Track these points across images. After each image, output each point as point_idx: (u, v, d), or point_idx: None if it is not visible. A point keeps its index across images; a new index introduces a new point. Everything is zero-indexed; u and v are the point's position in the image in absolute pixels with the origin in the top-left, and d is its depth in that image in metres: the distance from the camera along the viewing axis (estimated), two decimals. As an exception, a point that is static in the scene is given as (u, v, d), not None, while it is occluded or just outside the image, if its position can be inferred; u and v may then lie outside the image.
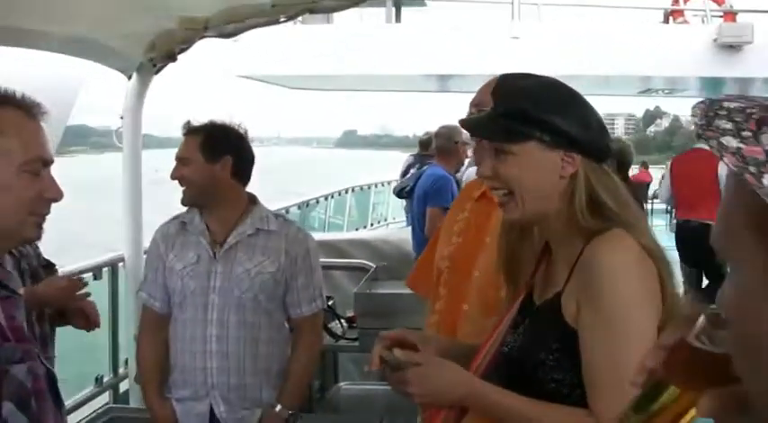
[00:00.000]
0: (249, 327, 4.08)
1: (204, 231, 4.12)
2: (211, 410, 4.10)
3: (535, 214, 2.35)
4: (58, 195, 2.34)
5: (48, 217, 2.37)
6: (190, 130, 4.14)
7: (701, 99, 0.94)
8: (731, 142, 0.86)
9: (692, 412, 1.05)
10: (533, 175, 2.30)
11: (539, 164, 2.28)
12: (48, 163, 2.33)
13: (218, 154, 4.10)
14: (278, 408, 4.13)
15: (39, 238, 2.38)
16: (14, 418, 2.14)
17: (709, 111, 0.91)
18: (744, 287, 0.89)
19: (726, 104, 0.92)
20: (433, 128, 8.86)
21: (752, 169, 0.82)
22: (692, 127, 0.92)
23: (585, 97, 2.40)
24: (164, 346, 4.24)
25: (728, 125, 0.88)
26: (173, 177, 4.09)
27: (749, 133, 0.86)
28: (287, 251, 4.11)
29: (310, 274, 4.21)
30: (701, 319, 0.99)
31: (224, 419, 4.09)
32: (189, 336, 4.10)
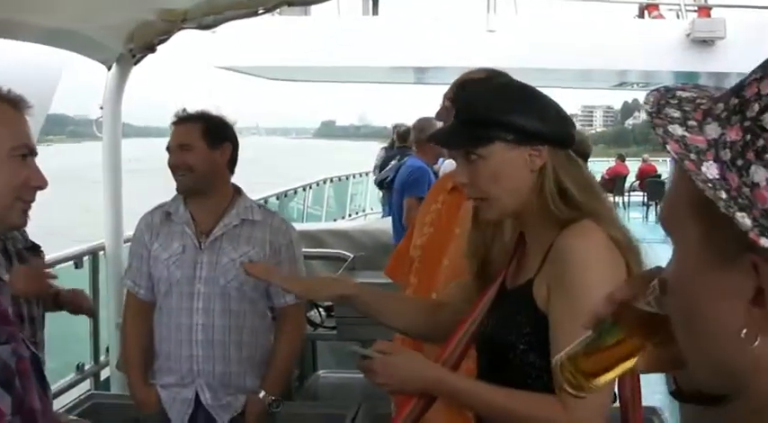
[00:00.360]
0: (234, 315, 4.14)
1: (189, 221, 4.15)
2: (196, 397, 4.16)
3: (510, 211, 2.45)
4: (43, 183, 2.41)
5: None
6: (188, 117, 4.17)
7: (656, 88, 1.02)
8: (677, 130, 0.93)
9: (632, 361, 1.16)
10: (506, 175, 2.39)
11: (509, 163, 2.38)
12: (33, 152, 2.40)
13: (219, 141, 4.15)
14: (261, 394, 4.21)
15: (24, 224, 2.44)
16: None
17: (662, 99, 0.99)
18: (681, 262, 0.98)
19: (678, 93, 1.00)
20: (411, 119, 8.93)
21: (692, 156, 0.90)
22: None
23: (562, 90, 2.50)
24: (148, 333, 4.29)
25: (677, 114, 0.96)
26: (174, 164, 4.10)
27: (695, 123, 0.94)
28: (271, 241, 4.17)
29: (294, 264, 4.27)
30: (654, 282, 1.07)
31: (209, 406, 4.15)
32: (174, 324, 4.15)
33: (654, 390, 2.47)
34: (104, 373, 5.93)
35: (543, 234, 2.41)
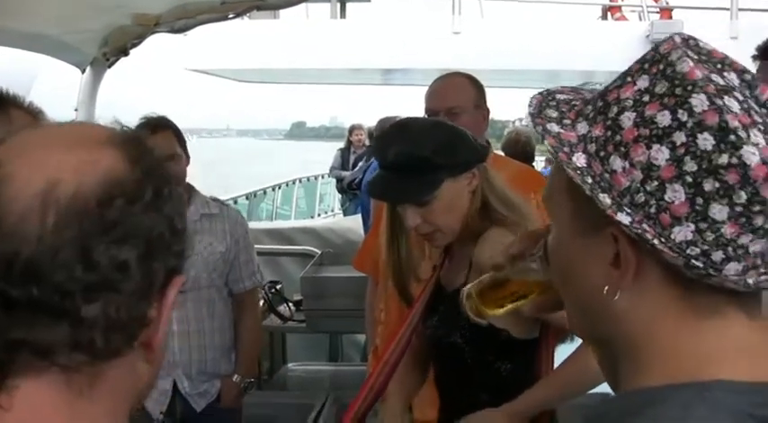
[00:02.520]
0: (206, 304, 4.30)
1: None
2: (174, 386, 4.29)
3: (457, 234, 2.65)
4: None
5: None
6: (162, 124, 4.21)
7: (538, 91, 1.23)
8: (554, 128, 1.14)
9: (522, 302, 1.47)
10: (456, 206, 2.59)
11: (456, 194, 2.59)
12: None
13: (185, 146, 4.28)
14: (235, 377, 4.39)
15: None
16: None
17: (543, 101, 1.19)
18: (558, 234, 1.21)
19: (557, 96, 1.21)
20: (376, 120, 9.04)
21: (565, 149, 1.11)
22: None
23: (528, 91, 2.70)
24: None
25: (555, 114, 1.17)
26: None
27: (569, 121, 1.15)
28: (231, 232, 4.34)
29: (250, 251, 4.46)
30: (540, 243, 1.33)
31: (187, 394, 4.30)
32: None
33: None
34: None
35: (465, 244, 2.63)
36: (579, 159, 1.10)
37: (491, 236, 2.53)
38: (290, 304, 5.90)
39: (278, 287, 5.98)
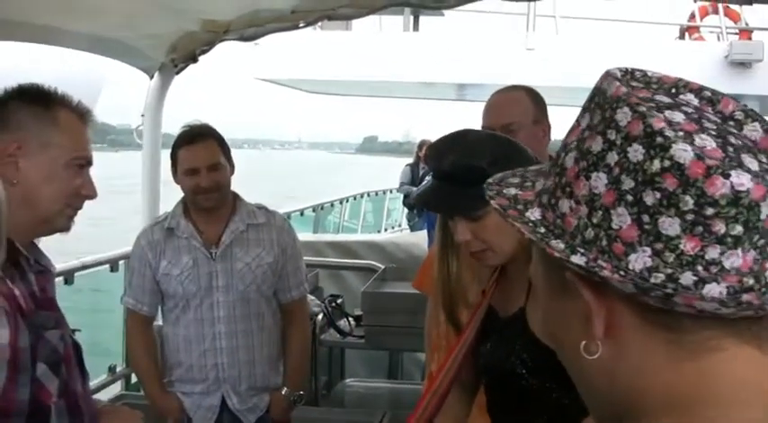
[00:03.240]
0: (255, 318, 4.23)
1: (194, 233, 4.19)
2: (222, 402, 4.24)
3: (511, 255, 2.52)
4: (93, 193, 2.56)
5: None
6: (204, 134, 4.18)
7: None
8: (511, 191, 1.14)
9: None
10: (506, 226, 2.45)
11: None
12: (90, 163, 2.55)
13: (229, 155, 4.25)
14: (284, 390, 4.32)
15: (68, 229, 2.57)
16: (47, 378, 2.30)
17: (507, 175, 1.20)
18: (541, 311, 1.17)
19: (525, 173, 1.20)
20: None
21: (519, 207, 1.10)
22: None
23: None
24: (154, 345, 4.39)
25: (516, 180, 1.17)
26: (208, 187, 4.11)
27: (530, 184, 1.14)
28: (278, 241, 4.27)
29: (298, 260, 4.39)
30: None
31: (236, 410, 4.24)
32: (194, 336, 4.20)
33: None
34: (136, 376, 6.01)
35: (525, 263, 2.48)
36: (534, 213, 1.07)
37: None
38: (351, 319, 5.83)
39: (338, 301, 5.91)
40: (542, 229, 1.04)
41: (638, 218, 0.95)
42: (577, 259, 0.99)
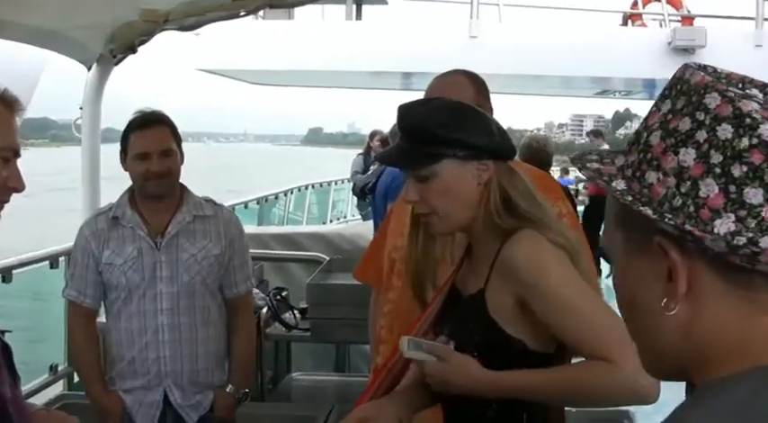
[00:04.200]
0: (199, 311, 4.14)
1: (139, 223, 4.11)
2: (165, 398, 4.14)
3: (459, 225, 2.56)
4: (20, 186, 2.44)
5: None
6: (157, 119, 4.12)
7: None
8: (593, 165, 1.26)
9: None
10: (456, 191, 2.50)
11: (459, 178, 2.50)
12: (17, 154, 2.43)
13: (180, 144, 4.18)
14: (229, 388, 4.23)
15: None
16: None
17: (584, 153, 1.31)
18: (617, 266, 1.27)
19: (600, 152, 1.31)
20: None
21: (605, 178, 1.22)
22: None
23: (551, 98, 2.63)
24: (97, 341, 4.26)
25: (594, 157, 1.29)
26: (159, 172, 4.03)
27: (608, 160, 1.26)
28: (225, 234, 4.20)
29: (245, 254, 4.33)
30: None
31: (179, 406, 4.15)
32: (137, 328, 4.11)
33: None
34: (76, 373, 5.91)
35: (488, 243, 2.53)
36: (619, 184, 1.20)
37: (522, 237, 2.44)
38: (296, 312, 5.75)
39: (283, 294, 5.83)
40: (629, 198, 1.17)
41: (725, 188, 1.09)
42: (666, 223, 1.13)
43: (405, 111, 2.59)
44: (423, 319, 2.72)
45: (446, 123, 2.49)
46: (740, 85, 1.18)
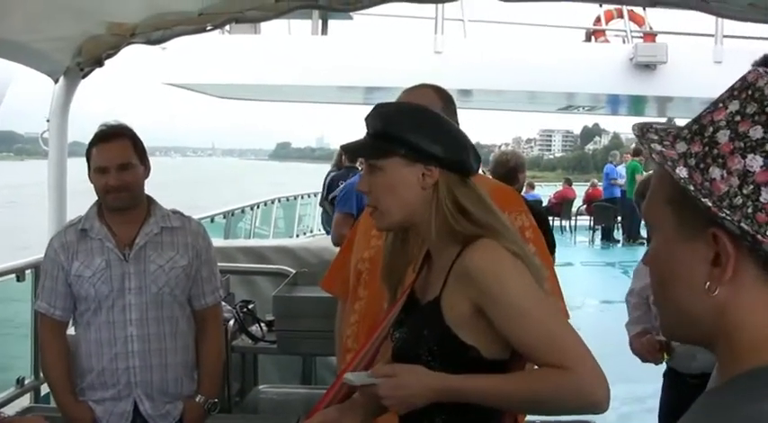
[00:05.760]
0: (168, 322, 4.17)
1: (107, 235, 4.13)
2: (135, 408, 4.15)
3: (400, 222, 2.63)
4: None
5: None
6: (117, 133, 4.13)
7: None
8: (657, 147, 1.33)
9: None
10: (398, 189, 2.58)
11: (402, 177, 2.57)
12: None
13: (144, 156, 4.19)
14: (198, 398, 4.26)
15: None
16: None
17: (644, 128, 1.39)
18: (661, 241, 1.37)
19: (654, 125, 1.40)
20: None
21: (669, 164, 1.29)
22: (633, 145, 1.81)
23: (514, 114, 2.68)
24: (67, 352, 4.26)
25: (655, 137, 1.36)
26: (116, 185, 4.05)
27: (668, 143, 1.34)
28: (192, 245, 4.23)
29: (212, 266, 4.35)
30: None
31: (149, 416, 4.16)
32: (106, 339, 4.12)
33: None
34: (45, 388, 5.87)
35: (446, 251, 2.57)
36: (681, 172, 1.28)
37: (480, 245, 2.47)
38: (263, 324, 5.77)
39: (250, 307, 5.85)
40: (692, 187, 1.25)
41: None
42: (725, 217, 1.22)
43: (376, 107, 2.68)
44: (382, 326, 2.77)
45: (400, 123, 2.58)
46: None
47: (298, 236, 17.10)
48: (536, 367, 2.48)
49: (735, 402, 1.24)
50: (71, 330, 4.40)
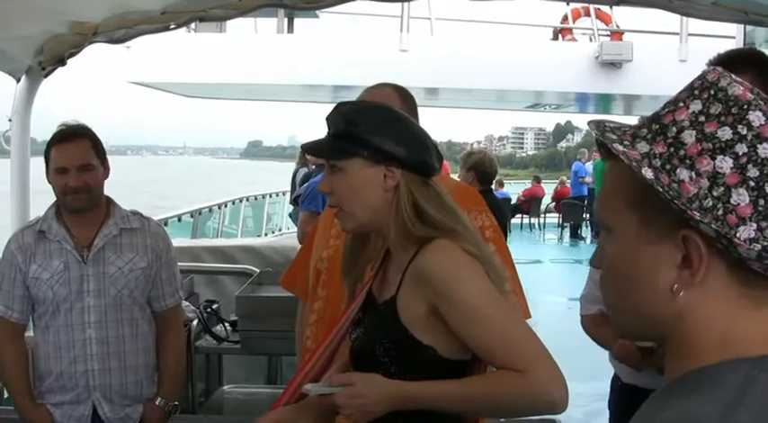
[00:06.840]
0: (128, 324, 4.14)
1: (66, 237, 4.10)
2: (93, 412, 4.12)
3: (364, 224, 2.62)
4: None
5: None
6: (79, 133, 4.10)
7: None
8: (619, 147, 1.30)
9: None
10: (360, 190, 2.57)
11: (364, 179, 2.56)
12: None
13: (104, 157, 4.16)
14: (158, 401, 4.24)
15: None
16: None
17: (600, 125, 1.37)
18: (621, 242, 1.35)
19: (608, 124, 1.38)
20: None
21: (634, 164, 1.27)
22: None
23: (485, 112, 2.67)
24: (25, 355, 4.23)
25: (614, 136, 1.34)
26: (76, 187, 4.02)
27: (627, 142, 1.32)
28: (152, 247, 4.20)
29: (172, 267, 4.32)
30: None
31: (108, 419, 4.13)
32: (64, 342, 4.09)
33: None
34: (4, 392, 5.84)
35: (403, 251, 2.58)
36: (647, 173, 1.26)
37: (436, 246, 2.48)
38: (227, 324, 5.75)
39: (214, 307, 5.82)
40: (660, 189, 1.24)
41: (755, 200, 1.22)
42: (698, 218, 1.22)
43: (337, 106, 2.67)
44: (338, 325, 2.76)
45: (361, 124, 2.56)
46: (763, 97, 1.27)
47: (266, 234, 17.06)
48: (494, 369, 2.48)
49: (668, 400, 1.26)
50: (30, 332, 4.36)
